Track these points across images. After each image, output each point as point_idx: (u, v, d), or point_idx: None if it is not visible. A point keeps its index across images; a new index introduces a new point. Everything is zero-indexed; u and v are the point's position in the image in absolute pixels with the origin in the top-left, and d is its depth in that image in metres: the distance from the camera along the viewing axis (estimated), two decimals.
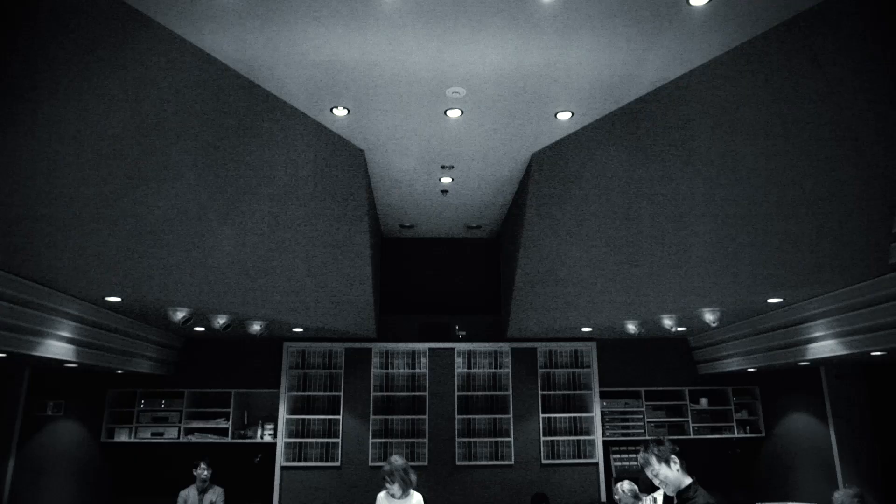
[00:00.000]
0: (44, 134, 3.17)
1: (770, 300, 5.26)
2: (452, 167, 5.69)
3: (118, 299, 5.03)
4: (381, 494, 4.88)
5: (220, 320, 5.88)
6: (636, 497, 4.88)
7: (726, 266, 4.68)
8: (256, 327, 6.23)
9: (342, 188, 5.41)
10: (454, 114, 4.64)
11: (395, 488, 4.74)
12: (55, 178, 3.38)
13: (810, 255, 4.24)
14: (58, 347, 4.97)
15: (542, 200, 5.58)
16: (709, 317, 5.69)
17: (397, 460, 4.84)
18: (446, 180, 5.99)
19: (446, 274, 7.86)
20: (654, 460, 3.35)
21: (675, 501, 3.35)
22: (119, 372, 6.50)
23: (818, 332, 5.33)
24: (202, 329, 6.48)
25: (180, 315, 5.50)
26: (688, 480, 3.35)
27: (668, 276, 5.09)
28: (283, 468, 6.99)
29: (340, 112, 4.64)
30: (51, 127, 3.17)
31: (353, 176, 5.40)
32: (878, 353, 5.01)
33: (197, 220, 4.35)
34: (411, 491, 4.83)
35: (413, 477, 4.84)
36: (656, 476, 3.36)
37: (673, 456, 3.30)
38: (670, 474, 3.31)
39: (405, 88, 4.27)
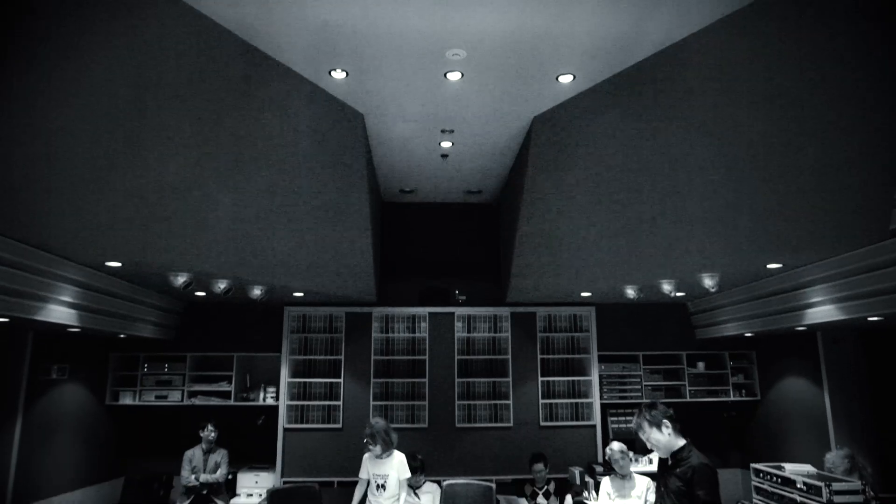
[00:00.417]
0: (42, 101, 3.13)
1: (769, 266, 5.26)
2: (452, 131, 5.63)
3: (118, 264, 5.03)
4: (367, 456, 5.01)
5: (221, 285, 5.90)
6: (626, 456, 4.99)
7: (726, 231, 4.67)
8: (257, 292, 6.25)
9: (341, 152, 5.36)
10: (454, 76, 4.56)
11: (378, 449, 4.86)
12: (53, 144, 3.35)
13: (811, 220, 4.22)
14: (60, 312, 5.00)
15: (542, 165, 5.54)
16: (708, 282, 5.70)
17: (378, 422, 4.96)
18: (446, 144, 5.93)
19: (446, 239, 7.85)
20: (645, 425, 3.46)
21: (669, 462, 3.43)
22: (122, 336, 6.56)
23: (816, 297, 5.36)
24: (203, 294, 6.51)
25: (181, 280, 5.52)
26: (681, 442, 3.43)
27: (667, 241, 5.09)
28: (285, 430, 7.11)
29: (339, 75, 4.56)
30: (48, 94, 3.13)
31: (352, 140, 5.34)
32: (875, 319, 5.03)
33: (195, 184, 4.32)
34: (393, 451, 4.96)
35: (394, 437, 4.97)
36: (648, 440, 3.47)
37: (665, 420, 3.39)
38: (661, 438, 3.41)
39: (405, 50, 4.20)
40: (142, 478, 7.11)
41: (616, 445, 5.02)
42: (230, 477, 6.70)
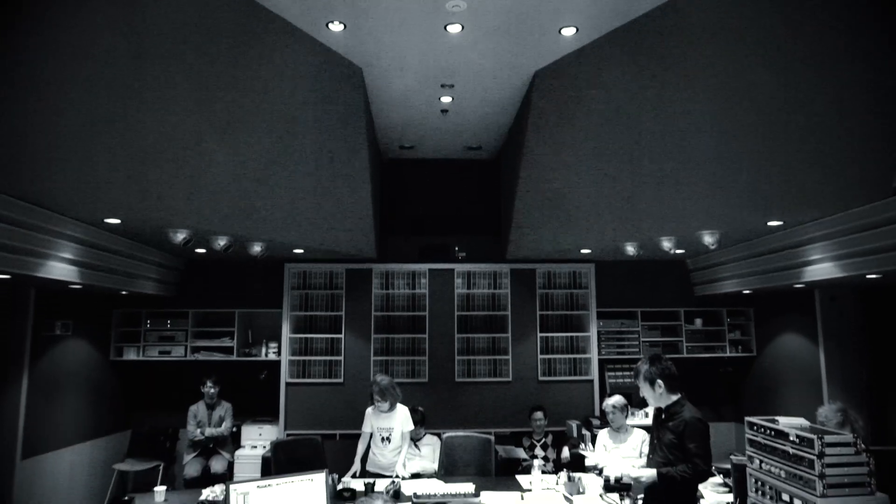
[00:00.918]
0: (37, 57, 3.06)
1: (770, 223, 5.25)
2: (453, 86, 5.54)
3: (117, 221, 5.02)
4: (370, 410, 5.12)
5: (221, 242, 5.90)
6: (622, 411, 5.08)
7: (727, 188, 4.64)
8: (257, 248, 6.26)
9: (340, 107, 5.29)
10: (454, 29, 4.46)
11: (387, 405, 4.97)
12: (49, 100, 3.30)
13: (813, 177, 4.19)
14: (60, 269, 5.01)
15: (543, 120, 5.47)
16: (708, 239, 5.71)
17: (384, 379, 5.06)
18: (446, 99, 5.85)
19: (446, 195, 7.81)
20: (640, 379, 3.54)
21: (663, 415, 3.51)
22: (124, 293, 6.60)
23: (816, 255, 5.37)
24: (203, 251, 6.52)
25: (180, 237, 5.52)
26: (675, 397, 3.49)
27: (668, 197, 5.07)
28: (287, 384, 7.22)
29: (337, 27, 4.46)
30: (44, 50, 3.06)
31: (351, 94, 5.26)
32: (874, 276, 5.05)
33: (193, 141, 4.28)
34: (397, 405, 5.07)
35: (398, 392, 5.08)
36: (642, 392, 3.57)
37: (659, 381, 3.45)
38: (652, 395, 3.51)
39: (404, 1, 4.09)
40: (148, 431, 7.27)
41: (612, 400, 5.11)
42: (234, 430, 6.85)
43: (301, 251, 6.81)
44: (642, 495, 3.58)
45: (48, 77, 3.20)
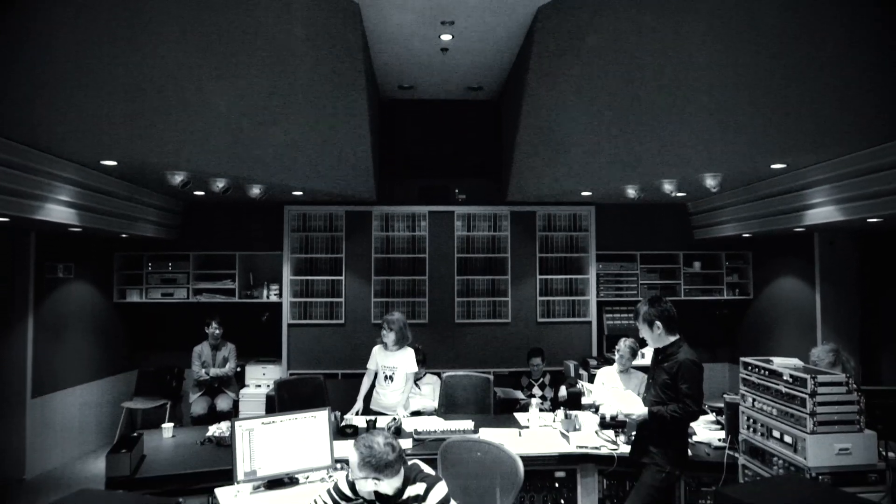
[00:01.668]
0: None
1: (773, 166, 5.20)
2: (453, 23, 5.37)
3: (114, 163, 4.98)
4: (377, 348, 5.17)
5: (219, 184, 5.87)
6: (634, 354, 5.16)
7: (732, 130, 4.57)
8: (256, 191, 6.22)
9: (337, 45, 5.14)
10: None
11: (392, 339, 5.01)
12: (44, 41, 3.21)
13: (818, 120, 4.13)
14: (59, 211, 5.00)
15: (545, 59, 5.33)
16: (710, 182, 5.67)
17: (398, 314, 5.11)
18: (446, 37, 5.68)
19: (446, 137, 7.70)
20: (639, 320, 3.58)
21: (659, 356, 3.58)
22: (124, 236, 6.61)
23: (817, 198, 5.35)
24: (202, 193, 6.48)
25: (178, 179, 5.48)
26: (672, 338, 3.54)
27: (671, 139, 5.00)
28: (289, 325, 7.32)
29: None
30: None
31: (348, 32, 5.10)
32: (875, 220, 5.05)
33: (188, 80, 4.18)
34: (406, 346, 5.12)
35: (409, 334, 5.12)
36: (640, 332, 3.61)
37: (657, 322, 3.49)
38: (650, 336, 3.55)
39: None
40: (154, 371, 7.41)
41: (628, 342, 5.16)
42: (238, 370, 6.99)
43: (300, 193, 6.77)
44: (635, 432, 3.69)
45: (42, 18, 3.10)
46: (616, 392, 4.00)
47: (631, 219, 7.70)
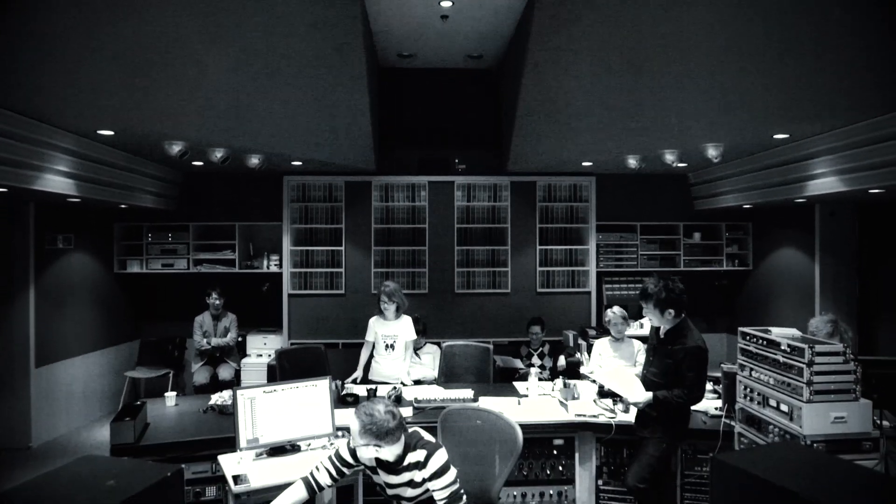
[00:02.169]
0: None
1: (776, 136, 5.16)
2: None
3: (111, 133, 4.93)
4: (373, 319, 5.20)
5: (218, 154, 5.83)
6: (624, 320, 5.19)
7: (734, 100, 4.52)
8: (255, 161, 6.19)
9: (336, 11, 5.05)
10: None
11: (392, 310, 5.04)
12: (38, 9, 3.15)
13: (820, 90, 4.07)
14: (57, 182, 4.98)
15: (546, 27, 5.24)
16: (711, 152, 5.63)
17: (392, 284, 5.13)
18: (446, 3, 5.58)
19: (446, 106, 7.62)
20: (650, 302, 3.51)
21: (662, 335, 3.56)
22: (123, 206, 6.59)
23: (819, 169, 5.32)
24: (200, 163, 6.45)
25: (176, 149, 5.44)
26: (678, 319, 3.53)
27: (673, 109, 4.95)
28: (289, 296, 7.35)
29: None
30: None
31: None
32: (876, 191, 5.03)
33: (183, 48, 4.12)
34: (402, 314, 5.16)
35: (405, 300, 5.15)
36: (647, 313, 3.59)
37: (670, 309, 3.46)
38: (659, 319, 3.52)
39: None
40: (156, 341, 7.47)
41: (617, 310, 5.18)
42: (240, 340, 7.04)
43: (299, 163, 6.73)
44: (635, 409, 3.73)
45: None
46: (618, 374, 4.00)
47: (631, 189, 7.67)
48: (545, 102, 5.83)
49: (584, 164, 6.79)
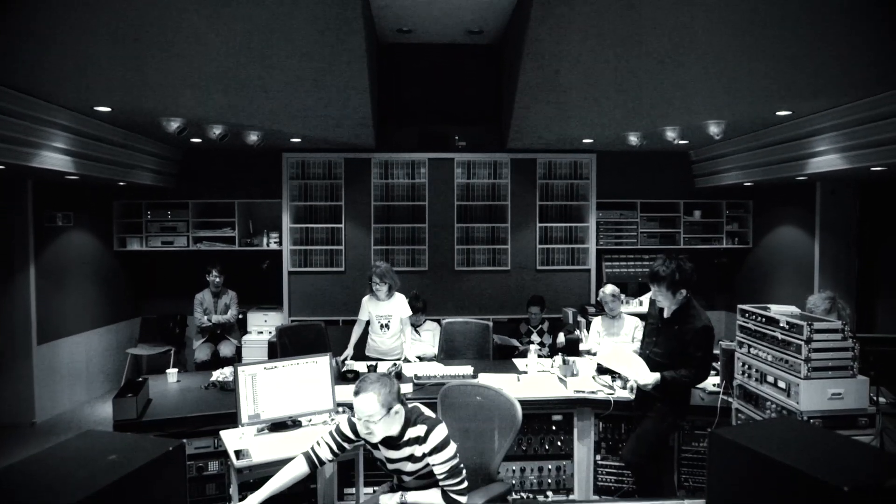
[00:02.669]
0: None
1: (778, 113, 5.12)
2: None
3: (108, 109, 4.89)
4: (366, 298, 5.18)
5: (216, 131, 5.79)
6: (616, 299, 5.21)
7: (737, 76, 4.47)
8: (253, 137, 6.15)
9: None
10: None
11: (384, 290, 5.03)
12: None
13: (824, 66, 4.03)
14: (54, 159, 4.95)
15: (547, 1, 5.17)
16: (714, 129, 5.60)
17: (383, 264, 5.10)
18: None
19: (446, 82, 7.55)
20: (664, 286, 3.46)
21: (668, 315, 3.55)
22: (121, 184, 6.56)
23: (821, 146, 5.29)
24: (199, 140, 6.41)
25: (174, 126, 5.41)
26: (685, 299, 3.53)
27: (675, 85, 4.90)
28: (290, 273, 7.36)
29: None
30: None
31: None
32: (878, 169, 5.01)
33: (182, 25, 4.06)
34: (395, 293, 5.15)
35: (397, 279, 5.13)
36: (658, 295, 3.53)
37: (682, 289, 3.45)
38: (671, 300, 3.49)
39: None
40: (157, 318, 7.50)
41: (609, 288, 5.22)
42: (240, 317, 7.07)
43: (298, 140, 6.69)
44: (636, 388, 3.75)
45: None
46: (621, 355, 3.99)
47: (632, 167, 7.63)
48: (546, 78, 5.77)
49: (585, 140, 6.75)
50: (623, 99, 5.36)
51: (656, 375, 3.51)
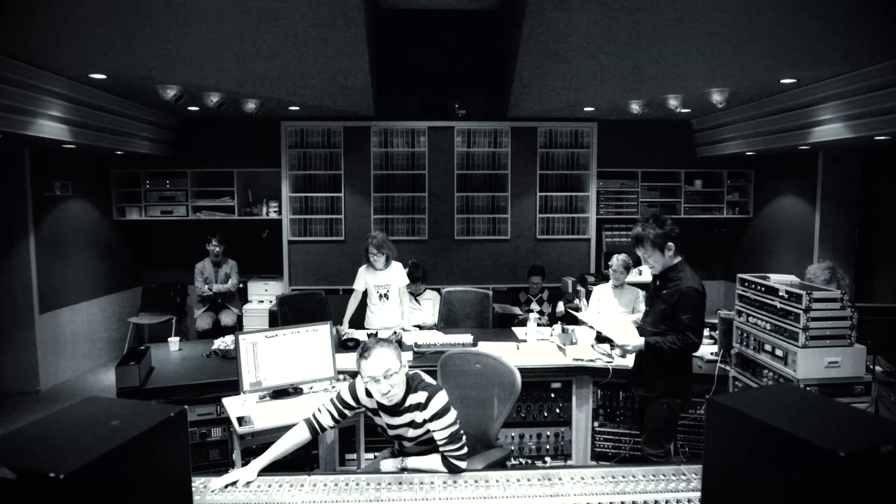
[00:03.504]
0: None
1: (783, 80, 5.06)
2: None
3: (103, 76, 4.83)
4: (363, 268, 5.12)
5: (213, 98, 5.72)
6: (628, 269, 5.20)
7: (741, 43, 4.40)
8: (251, 105, 6.08)
9: None
10: None
11: (381, 261, 5.00)
12: None
13: (829, 32, 3.95)
14: (50, 127, 4.90)
15: None
16: (716, 97, 5.53)
17: (379, 234, 5.04)
18: None
19: (447, 50, 7.44)
20: (648, 244, 3.27)
21: (657, 282, 3.45)
22: (119, 153, 6.52)
23: (826, 115, 5.23)
24: (196, 108, 6.34)
25: (170, 93, 5.34)
26: (676, 260, 3.39)
27: (677, 52, 4.83)
28: (289, 242, 7.36)
29: None
30: None
31: None
32: (882, 138, 4.96)
33: None
34: (392, 262, 5.12)
35: (394, 248, 5.08)
36: (646, 258, 3.35)
37: (669, 243, 3.22)
38: (661, 259, 3.28)
39: None
40: (158, 287, 7.52)
41: (622, 257, 5.17)
42: (241, 286, 7.09)
43: (297, 108, 6.62)
44: (633, 355, 3.57)
45: None
46: (612, 319, 3.99)
47: (633, 136, 7.57)
48: (547, 45, 5.68)
49: (586, 109, 6.68)
50: (625, 66, 5.29)
51: (640, 340, 3.31)
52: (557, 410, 4.23)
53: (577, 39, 5.37)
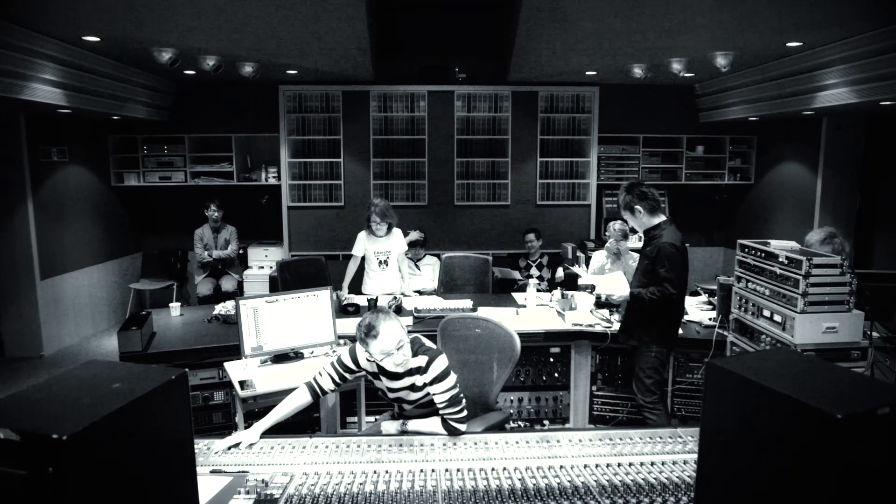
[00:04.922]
0: None
1: (789, 44, 4.97)
2: None
3: (97, 39, 4.74)
4: (363, 234, 5.12)
5: (209, 62, 5.64)
6: (625, 236, 5.19)
7: (750, 3, 4.31)
8: (248, 69, 5.99)
9: None
10: None
11: (384, 229, 4.99)
12: None
13: None
14: (44, 91, 4.84)
15: None
16: (721, 61, 5.44)
17: (381, 201, 5.02)
18: None
19: (446, 12, 7.28)
20: (624, 210, 3.67)
21: (644, 240, 3.65)
22: (115, 118, 6.44)
23: (831, 79, 5.16)
24: (193, 72, 6.24)
25: (166, 56, 5.26)
26: (657, 220, 3.57)
27: (683, 15, 4.73)
28: (289, 208, 7.33)
29: None
30: None
31: None
32: (887, 103, 4.90)
33: None
34: (393, 229, 5.11)
35: (395, 215, 5.07)
36: (631, 220, 3.71)
37: (637, 206, 3.58)
38: (635, 221, 3.64)
39: None
40: (158, 253, 7.53)
41: (618, 225, 5.16)
42: (241, 252, 7.09)
43: (295, 72, 6.52)
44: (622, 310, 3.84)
45: None
46: (606, 274, 4.09)
47: (635, 101, 7.47)
48: (549, 6, 5.56)
49: (588, 73, 6.58)
50: (628, 28, 5.17)
51: (626, 291, 3.64)
52: (556, 375, 4.28)
53: (580, 0, 5.26)
